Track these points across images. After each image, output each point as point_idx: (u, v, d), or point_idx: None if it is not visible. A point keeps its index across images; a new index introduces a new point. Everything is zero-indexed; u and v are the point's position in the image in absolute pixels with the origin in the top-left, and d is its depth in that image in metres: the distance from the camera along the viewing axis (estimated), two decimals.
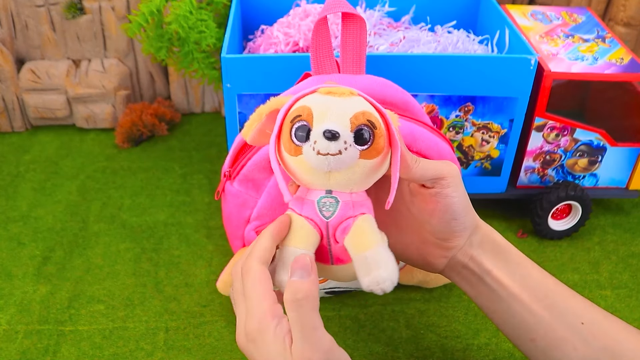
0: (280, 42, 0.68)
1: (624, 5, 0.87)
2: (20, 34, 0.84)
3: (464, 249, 0.46)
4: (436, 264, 0.48)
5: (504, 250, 0.47)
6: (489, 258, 0.46)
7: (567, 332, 0.44)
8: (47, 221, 0.71)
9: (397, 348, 0.57)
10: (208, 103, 0.92)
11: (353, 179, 0.41)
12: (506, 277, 0.46)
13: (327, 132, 0.38)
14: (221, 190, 0.56)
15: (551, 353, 0.44)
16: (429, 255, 0.48)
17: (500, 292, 0.46)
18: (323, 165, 0.39)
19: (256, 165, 0.52)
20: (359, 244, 0.41)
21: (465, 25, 0.76)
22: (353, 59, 0.51)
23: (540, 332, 0.44)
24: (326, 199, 0.42)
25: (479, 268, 0.46)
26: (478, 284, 0.47)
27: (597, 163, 0.69)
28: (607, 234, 0.72)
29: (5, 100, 0.84)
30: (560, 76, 0.63)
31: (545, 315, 0.44)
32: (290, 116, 0.40)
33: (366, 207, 0.42)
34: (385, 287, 0.40)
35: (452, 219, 0.45)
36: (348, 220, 0.42)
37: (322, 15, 0.50)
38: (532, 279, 0.46)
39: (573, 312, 0.44)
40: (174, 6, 0.70)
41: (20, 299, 0.61)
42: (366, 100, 0.41)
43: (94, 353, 0.56)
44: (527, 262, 0.47)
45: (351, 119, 0.39)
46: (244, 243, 0.56)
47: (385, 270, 0.40)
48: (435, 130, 0.53)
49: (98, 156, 0.82)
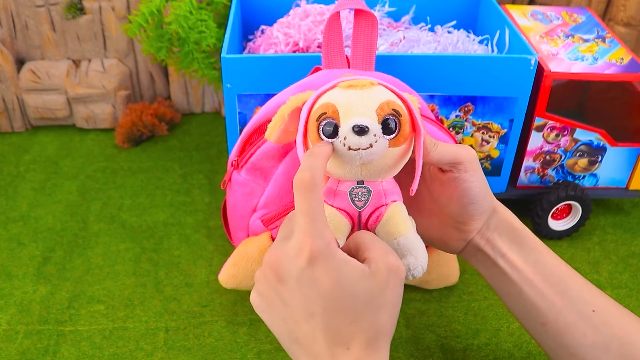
0: (280, 42, 0.68)
1: (624, 5, 0.86)
2: (20, 34, 0.84)
3: (481, 232, 0.47)
4: (454, 246, 0.49)
5: (520, 234, 0.47)
6: (504, 242, 0.47)
7: (578, 318, 0.44)
8: (47, 221, 0.71)
9: (397, 348, 0.57)
10: (208, 103, 0.92)
11: (384, 168, 0.41)
12: (520, 261, 0.46)
13: (356, 127, 0.39)
14: (228, 179, 0.56)
15: (561, 338, 0.45)
16: (448, 237, 0.49)
17: (513, 275, 0.46)
18: (355, 159, 0.40)
19: (265, 153, 0.52)
20: (391, 231, 0.42)
21: (465, 25, 0.77)
22: (363, 55, 0.52)
23: (551, 317, 0.45)
24: (358, 189, 0.42)
25: (494, 251, 0.47)
26: (492, 266, 0.48)
27: (597, 163, 0.69)
28: (607, 234, 0.72)
29: (5, 101, 0.84)
30: (560, 76, 0.63)
31: (557, 300, 0.45)
32: (315, 115, 0.41)
33: (397, 194, 0.44)
34: (416, 272, 0.42)
35: (470, 203, 0.46)
36: (380, 209, 0.43)
37: (335, 10, 0.51)
38: (546, 265, 0.46)
39: (585, 300, 0.45)
40: (174, 6, 0.70)
41: (20, 299, 0.61)
42: (387, 88, 0.42)
43: (94, 353, 0.56)
44: (542, 248, 0.47)
45: (377, 110, 0.40)
46: (248, 234, 0.57)
47: (416, 257, 0.42)
48: (441, 127, 0.54)
49: (98, 156, 0.82)
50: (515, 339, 0.58)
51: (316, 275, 0.37)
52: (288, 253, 0.38)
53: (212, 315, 0.60)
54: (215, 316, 0.60)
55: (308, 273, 0.37)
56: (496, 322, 0.60)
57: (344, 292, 0.37)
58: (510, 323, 0.60)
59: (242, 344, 0.57)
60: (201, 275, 0.64)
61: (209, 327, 0.59)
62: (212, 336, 0.58)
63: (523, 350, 0.57)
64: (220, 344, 0.57)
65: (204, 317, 0.60)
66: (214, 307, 0.61)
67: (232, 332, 0.58)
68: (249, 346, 0.57)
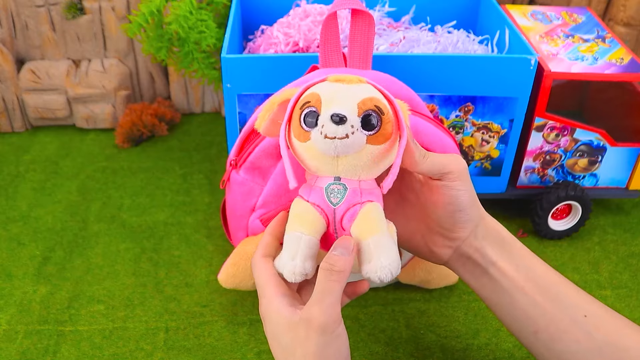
0: (280, 42, 0.68)
1: (624, 5, 0.86)
2: (20, 34, 0.84)
3: (468, 241, 0.47)
4: (441, 254, 0.48)
5: (508, 243, 0.47)
6: (494, 250, 0.47)
7: (570, 324, 0.44)
8: (47, 221, 0.71)
9: (397, 348, 0.57)
10: (208, 103, 0.92)
11: (360, 165, 0.41)
12: (511, 269, 0.46)
13: (334, 116, 0.39)
14: (226, 179, 0.56)
15: (553, 345, 0.44)
16: (434, 244, 0.48)
17: (504, 283, 0.46)
18: (330, 149, 0.40)
19: (263, 152, 0.52)
20: (364, 230, 0.41)
21: (465, 25, 0.76)
22: (360, 54, 0.52)
23: (542, 325, 0.45)
24: (334, 186, 0.42)
25: (484, 260, 0.47)
26: (482, 275, 0.47)
27: (597, 163, 0.69)
28: (607, 234, 0.72)
29: (5, 100, 0.84)
30: (560, 76, 0.63)
31: (549, 307, 0.45)
32: (300, 103, 0.41)
33: (374, 196, 0.43)
34: (383, 275, 0.40)
35: (457, 211, 0.46)
36: (355, 207, 0.42)
37: (332, 10, 0.51)
38: (536, 272, 0.46)
39: (576, 305, 0.44)
40: (174, 6, 0.70)
41: (20, 299, 0.61)
42: (375, 88, 0.42)
43: (94, 353, 0.56)
44: (530, 255, 0.47)
45: (359, 104, 0.40)
46: (247, 233, 0.57)
47: (386, 259, 0.40)
48: (439, 125, 0.54)
49: (98, 156, 0.82)
50: (515, 339, 0.58)
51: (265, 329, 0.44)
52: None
53: (212, 315, 0.60)
54: (215, 316, 0.60)
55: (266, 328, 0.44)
56: (496, 322, 0.60)
57: (274, 342, 0.43)
58: None
59: (242, 344, 0.57)
60: (201, 275, 0.64)
61: (209, 327, 0.59)
62: (212, 336, 0.58)
63: (523, 350, 0.57)
64: (220, 344, 0.57)
65: (204, 317, 0.60)
66: (214, 307, 0.61)
67: (232, 332, 0.58)
68: (249, 346, 0.57)
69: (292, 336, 0.41)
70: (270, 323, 0.43)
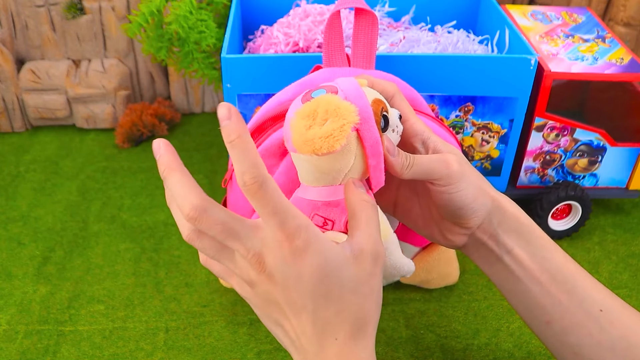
0: (280, 42, 0.68)
1: (624, 5, 0.87)
2: (20, 34, 0.84)
3: (482, 227, 0.46)
4: (456, 241, 0.48)
5: (528, 230, 0.46)
6: (510, 238, 0.46)
7: (584, 317, 0.43)
8: (47, 221, 0.71)
9: (397, 348, 0.57)
10: (208, 103, 0.92)
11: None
12: (526, 258, 0.45)
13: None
14: (229, 177, 0.56)
15: (566, 337, 0.44)
16: (449, 232, 0.48)
17: (519, 272, 0.45)
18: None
19: (267, 150, 0.52)
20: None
21: (465, 25, 0.77)
22: (364, 53, 0.52)
23: (556, 316, 0.44)
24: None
25: (498, 247, 0.46)
26: (496, 263, 0.47)
27: (597, 163, 0.69)
28: (607, 234, 0.72)
29: (5, 101, 0.84)
30: (560, 76, 0.63)
31: (564, 299, 0.44)
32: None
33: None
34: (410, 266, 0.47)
35: (457, 209, 0.45)
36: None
37: (336, 9, 0.51)
38: (553, 262, 0.45)
39: (592, 299, 0.44)
40: (174, 6, 0.70)
41: (20, 299, 0.61)
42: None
43: (94, 353, 0.56)
44: (550, 245, 0.46)
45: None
46: None
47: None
48: (442, 125, 0.54)
49: (98, 156, 0.82)
50: (515, 339, 0.58)
51: (303, 270, 0.36)
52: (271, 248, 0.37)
53: (212, 315, 0.60)
54: (215, 316, 0.60)
55: (294, 268, 0.36)
56: (496, 322, 0.60)
57: (330, 280, 0.37)
58: (510, 323, 0.60)
59: (242, 344, 0.57)
60: (201, 275, 0.64)
61: (209, 327, 0.59)
62: (212, 336, 0.58)
63: (523, 350, 0.57)
64: (220, 344, 0.57)
65: (204, 317, 0.60)
66: (214, 307, 0.61)
67: (232, 332, 0.58)
68: (249, 346, 0.57)
69: (359, 272, 0.38)
70: (322, 256, 0.37)
